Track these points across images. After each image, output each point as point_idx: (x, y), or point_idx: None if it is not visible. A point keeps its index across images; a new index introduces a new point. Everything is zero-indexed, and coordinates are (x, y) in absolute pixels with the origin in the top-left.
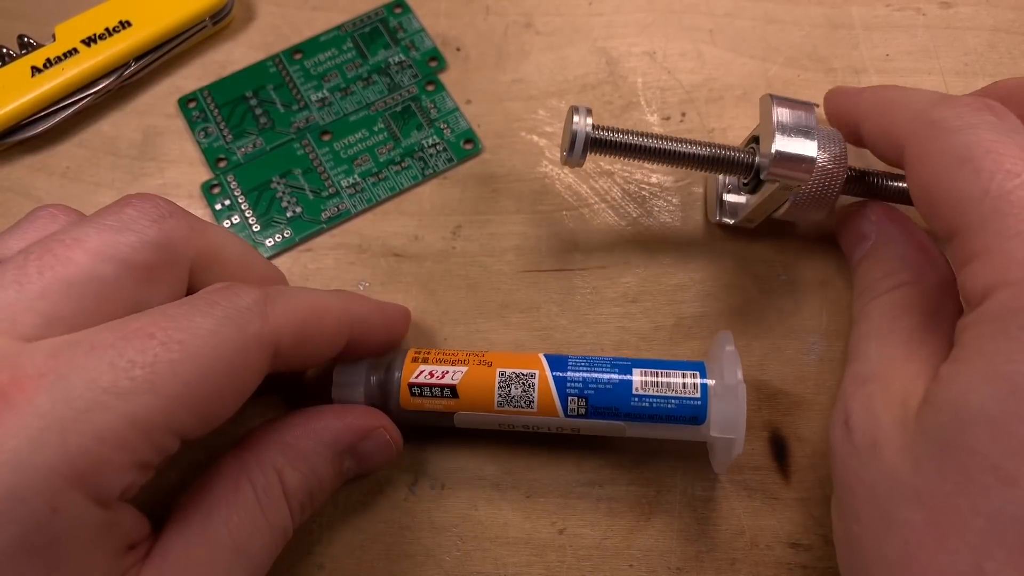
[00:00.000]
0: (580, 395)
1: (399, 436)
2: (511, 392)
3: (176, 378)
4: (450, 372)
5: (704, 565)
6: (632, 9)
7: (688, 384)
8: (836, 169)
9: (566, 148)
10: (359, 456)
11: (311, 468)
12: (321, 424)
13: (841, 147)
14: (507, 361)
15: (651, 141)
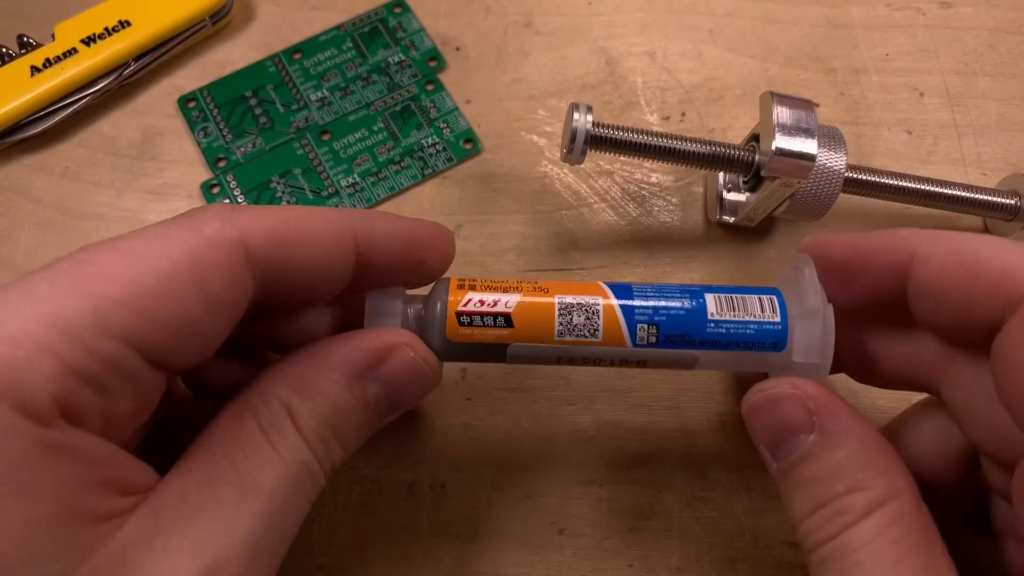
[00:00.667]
0: (650, 322)
1: (431, 356)
2: (573, 320)
3: (104, 276)
4: (502, 299)
5: (704, 565)
6: (632, 9)
7: (767, 306)
8: (836, 168)
9: (566, 145)
10: (384, 382)
11: (324, 396)
12: (330, 349)
13: (842, 146)
14: (565, 288)
15: (651, 138)
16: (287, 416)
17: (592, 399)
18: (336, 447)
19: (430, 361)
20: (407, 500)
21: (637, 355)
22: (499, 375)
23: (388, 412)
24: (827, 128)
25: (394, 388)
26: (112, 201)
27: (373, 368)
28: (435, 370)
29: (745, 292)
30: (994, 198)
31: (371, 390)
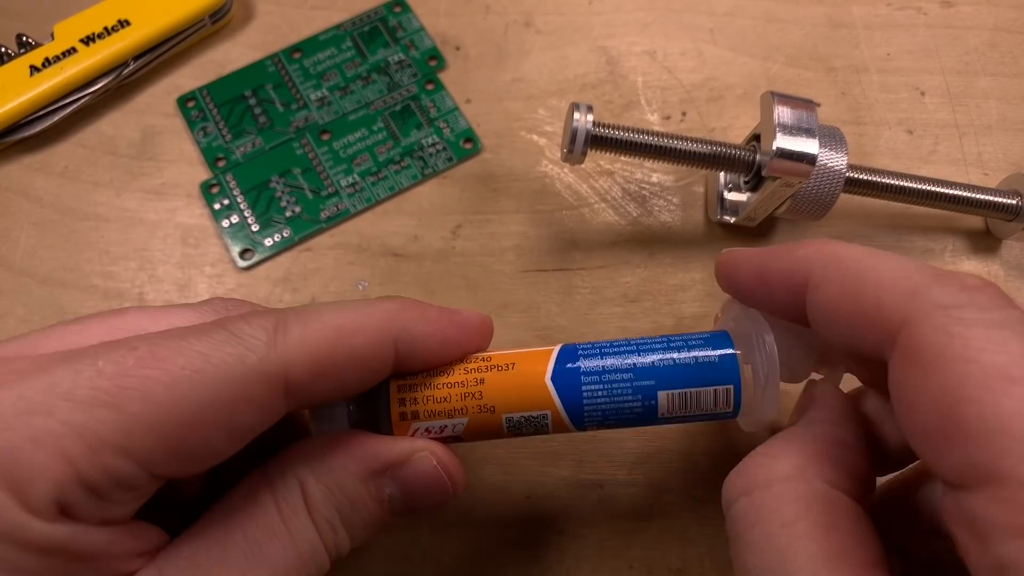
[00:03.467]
0: (600, 425)
1: (456, 466)
2: (521, 432)
3: (144, 396)
4: (449, 426)
5: (704, 565)
6: (632, 8)
7: (721, 399)
8: (837, 168)
9: (566, 145)
10: (401, 482)
11: (338, 484)
12: (355, 441)
13: (843, 146)
14: (509, 393)
15: (652, 138)
16: (300, 495)
17: None
18: (344, 536)
19: (452, 471)
20: None
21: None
22: None
23: (402, 511)
24: (828, 128)
25: (410, 490)
26: (111, 201)
27: (392, 468)
28: (457, 481)
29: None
30: (995, 198)
31: (387, 489)
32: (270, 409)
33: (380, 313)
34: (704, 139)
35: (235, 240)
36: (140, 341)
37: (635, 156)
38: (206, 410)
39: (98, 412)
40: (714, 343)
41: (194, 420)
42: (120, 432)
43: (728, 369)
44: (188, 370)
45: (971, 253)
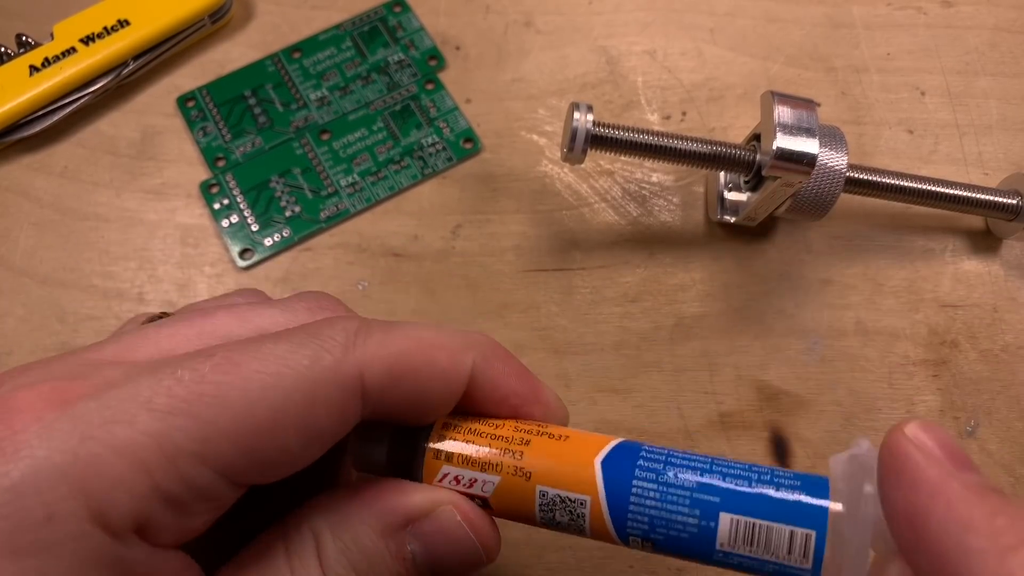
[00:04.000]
0: (644, 538)
1: (486, 527)
2: (555, 517)
3: (220, 402)
4: (480, 481)
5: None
6: (632, 8)
7: (797, 545)
8: (838, 167)
9: (566, 144)
10: (423, 539)
11: (355, 539)
12: (374, 492)
13: (843, 145)
14: (552, 466)
15: (652, 138)
16: (314, 550)
17: (592, 399)
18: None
19: (481, 531)
20: None
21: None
22: None
23: (429, 573)
24: (828, 127)
25: (433, 548)
26: (111, 200)
27: (415, 525)
28: (488, 544)
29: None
30: (995, 198)
31: (410, 546)
32: (346, 413)
33: (464, 336)
34: (704, 139)
35: (235, 240)
36: (219, 348)
37: (635, 156)
38: (281, 414)
39: (175, 420)
40: (808, 487)
41: (270, 424)
42: (197, 440)
43: (814, 514)
44: (263, 373)
45: (971, 253)
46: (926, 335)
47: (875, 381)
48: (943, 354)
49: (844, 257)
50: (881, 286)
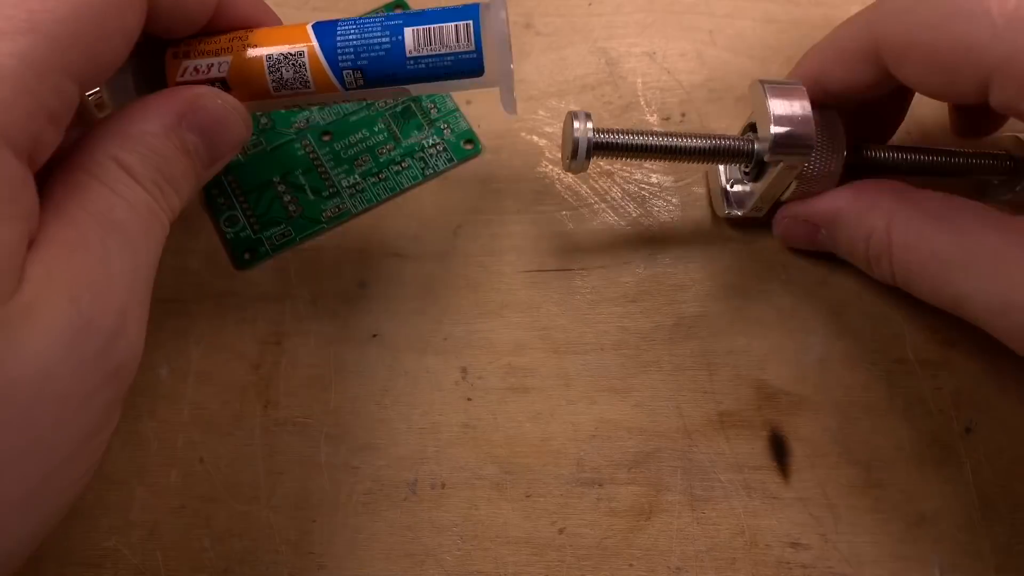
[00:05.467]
0: (354, 67)
1: (237, 102)
2: (283, 75)
3: (52, 14)
4: (215, 64)
5: (704, 565)
6: (632, 10)
7: (462, 35)
8: (836, 143)
9: (568, 155)
10: (199, 129)
11: (148, 147)
12: (144, 106)
13: (837, 122)
14: (272, 39)
15: (652, 139)
16: (120, 168)
17: (592, 399)
18: (171, 193)
19: (236, 107)
20: (407, 500)
21: (354, 96)
22: (499, 375)
23: (210, 160)
24: (822, 106)
25: (208, 134)
26: None
27: (186, 116)
28: (244, 116)
29: (443, 19)
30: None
31: (189, 138)
32: (141, 13)
33: None
34: (703, 134)
35: (235, 240)
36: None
37: (637, 159)
38: (103, 17)
39: (27, 39)
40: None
41: (100, 30)
42: (52, 51)
43: (469, 10)
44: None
45: None
46: (925, 334)
47: (874, 380)
48: (942, 353)
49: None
50: (880, 285)
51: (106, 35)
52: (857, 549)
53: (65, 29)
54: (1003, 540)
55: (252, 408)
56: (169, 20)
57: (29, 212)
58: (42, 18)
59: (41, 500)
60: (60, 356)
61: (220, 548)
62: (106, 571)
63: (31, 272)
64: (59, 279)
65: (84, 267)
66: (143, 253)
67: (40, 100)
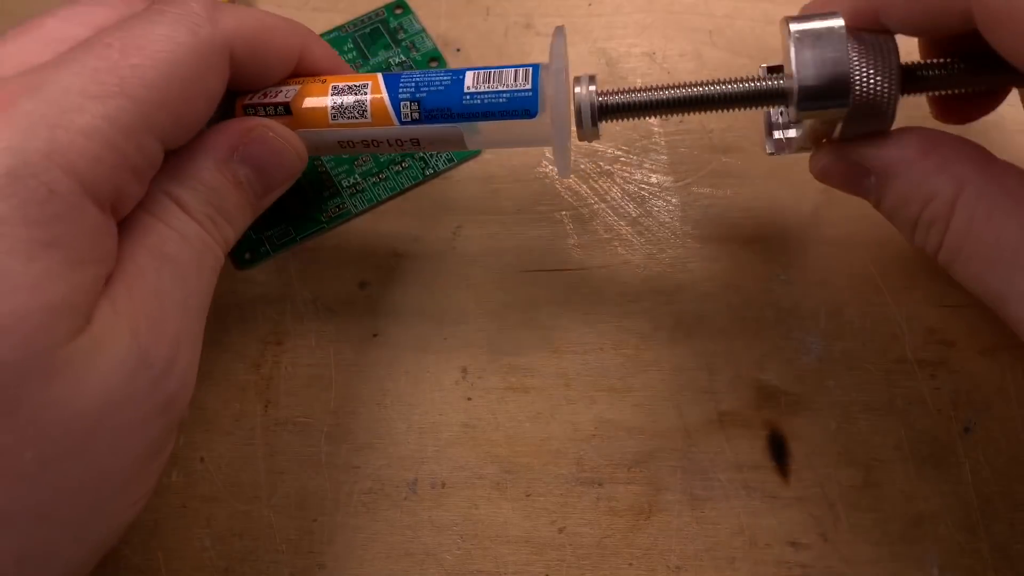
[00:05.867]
0: (412, 99)
1: (291, 134)
2: (344, 103)
3: (141, 80)
4: (283, 91)
5: (703, 564)
6: (631, 10)
7: (520, 77)
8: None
9: (575, 123)
10: (250, 161)
11: (199, 180)
12: (197, 142)
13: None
14: (341, 76)
15: (663, 93)
16: (172, 202)
17: (592, 399)
18: (224, 224)
19: (290, 139)
20: (407, 500)
21: (407, 133)
22: (499, 375)
23: (263, 191)
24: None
25: (260, 166)
26: None
27: (237, 150)
28: (297, 148)
29: (505, 68)
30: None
31: (241, 171)
32: (224, 76)
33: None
34: (722, 80)
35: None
36: (108, 37)
37: (652, 115)
38: (187, 79)
39: (116, 102)
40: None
41: (182, 89)
42: (140, 114)
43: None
44: (164, 52)
45: None
46: (924, 334)
47: (873, 380)
48: (941, 353)
49: (843, 257)
50: (880, 286)
51: (190, 98)
52: (856, 549)
53: (151, 94)
54: (1002, 540)
55: (252, 408)
56: (249, 83)
57: (106, 257)
58: (132, 83)
59: (95, 526)
60: (119, 387)
61: (221, 548)
62: (106, 571)
63: (101, 307)
64: (122, 313)
65: (142, 300)
66: (194, 284)
67: (124, 157)
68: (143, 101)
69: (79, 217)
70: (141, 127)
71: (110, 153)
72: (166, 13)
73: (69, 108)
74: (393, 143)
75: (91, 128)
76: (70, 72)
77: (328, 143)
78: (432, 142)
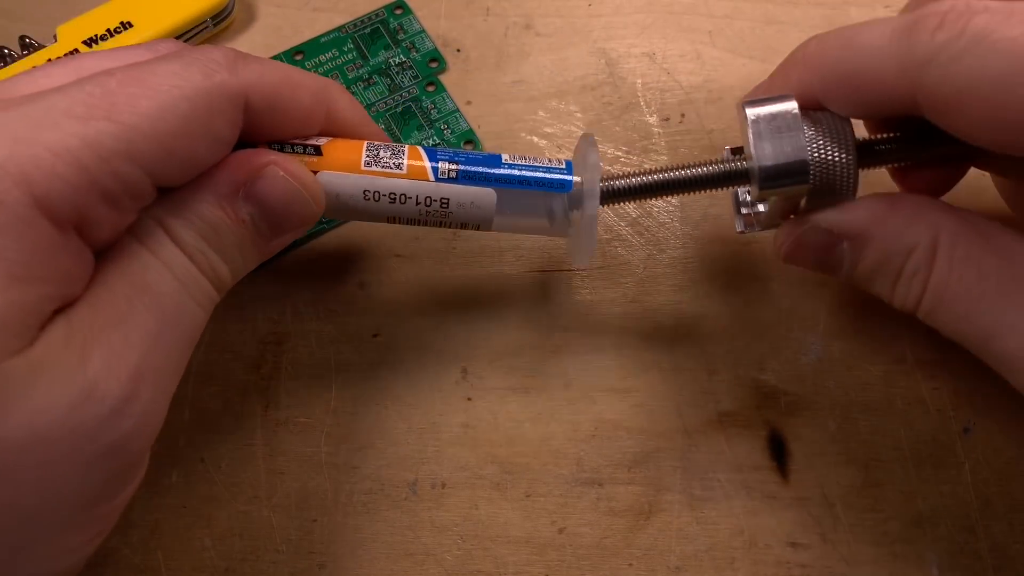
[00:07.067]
0: (451, 160)
1: (305, 175)
2: (380, 154)
3: (133, 108)
4: (317, 139)
5: (703, 564)
6: (631, 10)
7: (555, 162)
8: (841, 152)
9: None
10: (256, 200)
11: (195, 214)
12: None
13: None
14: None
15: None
16: (162, 231)
17: (592, 399)
18: (218, 261)
19: (303, 179)
20: (407, 500)
21: (440, 192)
22: (499, 375)
23: (272, 232)
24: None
25: (267, 206)
26: None
27: (242, 187)
28: (313, 192)
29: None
30: None
31: (244, 209)
32: (236, 124)
33: (321, 80)
34: (685, 165)
35: None
36: (116, 70)
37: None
38: (188, 118)
39: (98, 125)
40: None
41: (181, 130)
42: (123, 140)
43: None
44: (167, 85)
45: None
46: (924, 334)
47: (873, 380)
48: (941, 354)
49: None
50: None
51: (189, 137)
52: (856, 549)
53: (141, 122)
54: (1001, 540)
55: (252, 408)
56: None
57: (62, 277)
58: (121, 110)
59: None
60: (57, 421)
61: (221, 548)
62: (106, 571)
63: (51, 331)
64: (75, 339)
65: (103, 328)
66: (173, 318)
67: (93, 179)
68: (130, 128)
69: (27, 231)
70: (121, 153)
71: (75, 173)
72: (184, 56)
73: (44, 124)
74: (422, 200)
75: (59, 145)
76: (62, 93)
77: (353, 190)
78: (461, 204)
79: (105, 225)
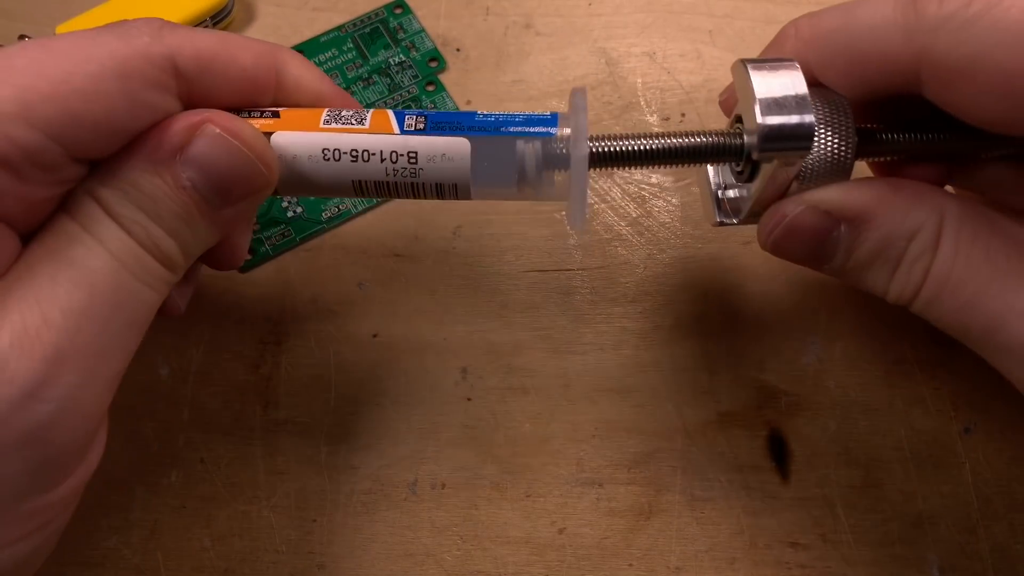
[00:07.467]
0: (418, 115)
1: (248, 131)
2: (341, 113)
3: (35, 71)
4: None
5: (703, 564)
6: (632, 10)
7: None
8: (844, 129)
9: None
10: (196, 163)
11: (130, 183)
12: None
13: (842, 103)
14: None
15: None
16: (95, 204)
17: (592, 399)
18: (161, 235)
19: (245, 136)
20: (407, 500)
21: (408, 144)
22: (499, 375)
23: (220, 200)
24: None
25: (208, 168)
26: None
27: (179, 150)
28: (255, 147)
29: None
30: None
31: (185, 173)
32: (163, 88)
33: (268, 44)
34: (677, 133)
35: None
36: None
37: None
38: (98, 81)
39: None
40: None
41: (91, 91)
42: (18, 102)
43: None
44: (76, 47)
45: None
46: (924, 335)
47: (873, 381)
48: (941, 354)
49: None
50: None
51: (101, 99)
52: (855, 549)
53: (39, 83)
54: (1001, 540)
55: (252, 408)
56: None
57: None
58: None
59: None
60: None
61: (220, 548)
62: (106, 571)
63: None
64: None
65: (16, 305)
66: (107, 296)
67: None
68: (26, 89)
69: None
70: (16, 115)
71: None
72: (108, 26)
73: None
74: (387, 156)
75: None
76: None
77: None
78: (432, 159)
79: (10, 199)
